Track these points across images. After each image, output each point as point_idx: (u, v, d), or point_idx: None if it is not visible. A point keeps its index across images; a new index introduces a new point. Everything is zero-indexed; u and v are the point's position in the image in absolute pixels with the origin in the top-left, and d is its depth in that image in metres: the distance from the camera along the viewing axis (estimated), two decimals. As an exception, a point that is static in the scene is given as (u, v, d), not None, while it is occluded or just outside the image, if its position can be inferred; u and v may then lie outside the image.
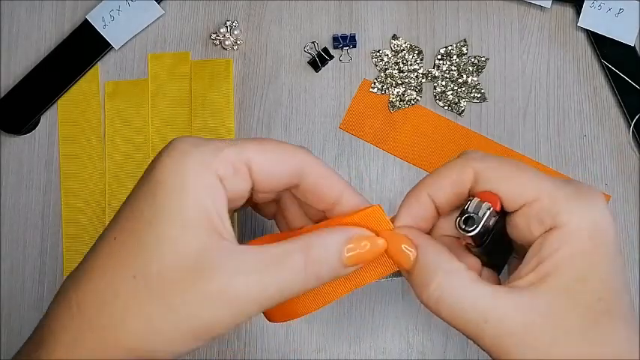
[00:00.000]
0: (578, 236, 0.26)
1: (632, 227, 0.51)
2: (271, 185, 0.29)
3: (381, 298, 0.50)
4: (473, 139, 0.52)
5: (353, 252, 0.28)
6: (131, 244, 0.26)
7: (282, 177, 0.29)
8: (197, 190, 0.26)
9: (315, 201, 0.31)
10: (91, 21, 0.53)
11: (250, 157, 0.28)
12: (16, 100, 0.53)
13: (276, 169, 0.29)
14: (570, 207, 0.26)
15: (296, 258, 0.27)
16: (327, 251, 0.27)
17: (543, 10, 0.54)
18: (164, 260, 0.26)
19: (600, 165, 0.52)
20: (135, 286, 0.26)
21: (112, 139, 0.53)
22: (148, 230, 0.26)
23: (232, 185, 0.28)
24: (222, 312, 0.25)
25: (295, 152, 0.29)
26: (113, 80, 0.54)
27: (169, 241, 0.26)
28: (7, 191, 0.53)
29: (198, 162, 0.27)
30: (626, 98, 0.52)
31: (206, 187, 0.26)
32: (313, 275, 0.27)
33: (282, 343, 0.50)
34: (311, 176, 0.30)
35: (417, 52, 0.53)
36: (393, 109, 0.53)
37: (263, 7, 0.54)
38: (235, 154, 0.27)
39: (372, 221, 0.29)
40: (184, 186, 0.26)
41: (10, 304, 0.51)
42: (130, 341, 0.26)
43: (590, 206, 0.27)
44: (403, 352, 0.50)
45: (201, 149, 0.27)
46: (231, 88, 0.53)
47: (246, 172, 0.28)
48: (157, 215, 0.26)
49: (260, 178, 0.29)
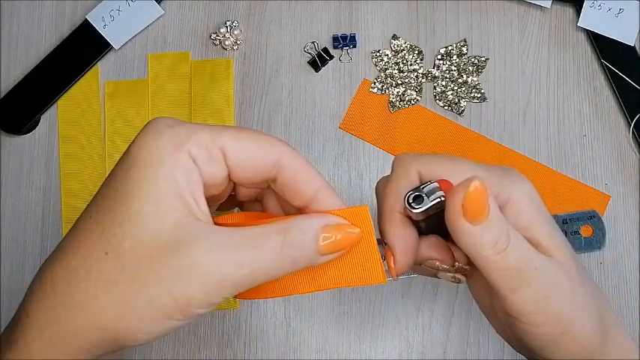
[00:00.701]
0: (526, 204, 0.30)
1: (632, 227, 0.51)
2: (247, 175, 0.29)
3: (381, 298, 0.50)
4: (473, 139, 0.52)
5: (329, 240, 0.27)
6: (104, 221, 0.26)
7: (258, 167, 0.29)
8: (170, 168, 0.26)
9: (291, 196, 0.30)
10: (91, 21, 0.53)
11: (225, 143, 0.28)
12: (16, 100, 0.53)
13: (252, 158, 0.28)
14: (507, 185, 0.30)
15: (273, 239, 0.26)
16: (304, 235, 0.27)
17: (543, 10, 0.54)
18: (136, 237, 0.25)
19: (600, 165, 0.52)
20: (107, 263, 0.25)
21: (112, 139, 0.53)
22: (121, 208, 0.26)
23: (207, 168, 0.27)
24: (195, 289, 0.25)
25: (273, 143, 0.29)
26: (113, 80, 0.54)
27: (142, 217, 0.26)
28: (7, 191, 0.53)
29: (172, 141, 0.26)
30: (626, 98, 0.52)
31: (179, 166, 0.26)
32: (289, 258, 0.27)
33: (282, 343, 0.50)
34: (289, 169, 0.29)
35: (417, 52, 0.53)
36: (393, 109, 0.53)
37: (263, 7, 0.54)
38: (209, 137, 0.27)
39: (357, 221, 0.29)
40: (157, 164, 0.26)
41: (10, 304, 0.51)
42: (103, 319, 0.25)
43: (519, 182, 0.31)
44: (403, 352, 0.50)
45: (176, 129, 0.27)
46: (231, 88, 0.53)
47: (221, 157, 0.28)
48: (130, 192, 0.26)
49: (235, 167, 0.28)
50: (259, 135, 0.29)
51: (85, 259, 0.26)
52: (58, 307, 0.26)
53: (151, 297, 0.25)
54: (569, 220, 0.51)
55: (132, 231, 0.25)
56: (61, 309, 0.26)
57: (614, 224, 0.51)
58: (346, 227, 0.28)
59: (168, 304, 0.25)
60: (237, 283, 0.26)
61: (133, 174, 0.26)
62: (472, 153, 0.52)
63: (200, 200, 0.27)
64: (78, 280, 0.26)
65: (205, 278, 0.25)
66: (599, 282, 0.50)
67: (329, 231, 0.28)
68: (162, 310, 0.25)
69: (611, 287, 0.50)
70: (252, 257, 0.26)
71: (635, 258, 0.50)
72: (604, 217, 0.51)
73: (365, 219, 0.29)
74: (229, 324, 0.50)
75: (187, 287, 0.25)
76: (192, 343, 0.50)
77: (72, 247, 0.27)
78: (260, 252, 0.26)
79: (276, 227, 0.27)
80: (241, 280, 0.26)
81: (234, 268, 0.25)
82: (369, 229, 0.29)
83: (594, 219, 0.51)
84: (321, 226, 0.28)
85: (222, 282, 0.25)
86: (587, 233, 0.50)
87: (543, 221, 0.30)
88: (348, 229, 0.28)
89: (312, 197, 0.30)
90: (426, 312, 0.50)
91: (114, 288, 0.25)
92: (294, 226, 0.27)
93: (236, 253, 0.26)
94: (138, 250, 0.25)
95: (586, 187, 0.51)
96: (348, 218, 0.29)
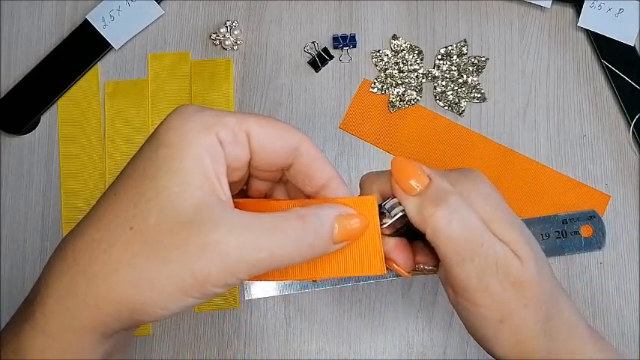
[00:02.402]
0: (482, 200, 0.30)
1: (632, 227, 0.51)
2: (269, 158, 0.30)
3: (381, 298, 0.50)
4: (473, 139, 0.52)
5: (342, 229, 0.29)
6: (131, 197, 0.27)
7: (280, 152, 0.30)
8: (197, 148, 0.27)
9: (304, 183, 0.31)
10: (91, 21, 0.53)
11: (250, 127, 0.29)
12: (16, 100, 0.53)
13: (275, 143, 0.30)
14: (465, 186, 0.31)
15: (291, 225, 0.27)
16: (322, 223, 0.28)
17: (543, 10, 0.54)
18: (162, 213, 0.26)
19: (600, 165, 0.52)
20: (131, 237, 0.26)
21: (112, 139, 0.53)
22: (147, 185, 0.27)
23: (232, 150, 0.28)
24: (213, 267, 0.26)
25: (293, 130, 0.30)
26: (113, 80, 0.54)
27: (169, 195, 0.26)
28: (7, 191, 0.53)
29: (200, 123, 0.27)
30: (626, 98, 0.52)
31: (206, 147, 0.27)
32: (307, 246, 0.27)
33: (282, 343, 0.50)
34: (306, 156, 0.31)
35: (417, 52, 0.53)
36: (393, 109, 0.53)
37: (263, 7, 0.54)
38: (236, 121, 0.28)
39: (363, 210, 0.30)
40: (185, 144, 0.27)
41: (10, 304, 0.51)
42: (121, 291, 0.26)
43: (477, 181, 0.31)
44: (403, 352, 0.50)
45: (204, 112, 0.28)
46: (231, 88, 0.53)
47: (246, 140, 0.29)
48: (158, 171, 0.27)
49: (258, 150, 0.29)
50: (280, 122, 0.30)
51: (108, 232, 0.26)
52: (79, 277, 0.26)
53: (171, 272, 0.26)
54: (569, 220, 0.51)
55: (158, 207, 0.26)
56: (81, 279, 0.26)
57: (614, 224, 0.51)
58: (357, 217, 0.30)
59: (187, 279, 0.26)
60: (254, 266, 0.26)
61: (161, 153, 0.27)
62: (472, 153, 0.52)
63: (223, 182, 0.28)
64: (100, 252, 0.26)
65: (224, 257, 0.26)
66: (599, 282, 0.50)
67: (342, 220, 0.29)
68: (181, 285, 0.26)
69: (611, 287, 0.50)
70: (270, 242, 0.27)
71: (635, 258, 0.50)
72: (604, 217, 0.51)
73: (371, 209, 0.30)
74: (229, 324, 0.50)
75: (206, 264, 0.25)
76: (192, 343, 0.50)
77: (95, 222, 0.27)
78: (278, 237, 0.27)
79: (295, 214, 0.28)
80: (257, 263, 0.26)
81: (253, 251, 0.26)
82: (375, 220, 0.30)
83: (594, 219, 0.51)
84: (336, 215, 0.29)
85: (239, 263, 0.26)
86: (587, 233, 0.50)
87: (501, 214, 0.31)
88: (359, 220, 0.30)
89: (324, 185, 0.31)
90: (426, 312, 0.50)
91: (135, 261, 0.26)
92: (312, 214, 0.28)
93: (255, 237, 0.26)
94: (162, 226, 0.26)
95: (586, 187, 0.51)
96: (355, 207, 0.30)
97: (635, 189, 0.51)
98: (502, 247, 0.30)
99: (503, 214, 0.31)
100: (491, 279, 0.29)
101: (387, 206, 0.31)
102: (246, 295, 0.50)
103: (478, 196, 0.31)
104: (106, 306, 0.26)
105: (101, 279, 0.26)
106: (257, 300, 0.50)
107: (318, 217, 0.28)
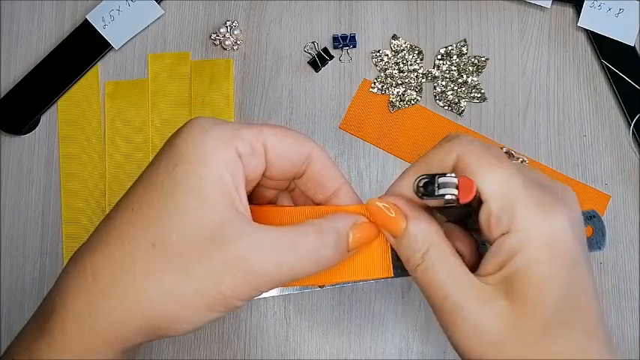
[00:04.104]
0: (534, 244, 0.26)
1: (632, 227, 0.51)
2: (284, 168, 0.30)
3: (381, 298, 0.50)
4: (473, 139, 0.52)
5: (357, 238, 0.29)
6: (150, 214, 0.27)
7: (295, 161, 0.30)
8: (217, 163, 0.27)
9: (316, 190, 0.32)
10: (91, 21, 0.53)
11: (267, 139, 0.29)
12: (16, 100, 0.53)
13: (290, 152, 0.30)
14: (528, 213, 0.26)
15: (311, 240, 0.27)
16: (339, 235, 0.29)
17: (543, 10, 0.54)
18: (184, 230, 0.26)
19: (600, 165, 0.52)
20: (154, 255, 0.26)
21: (112, 139, 0.53)
22: (167, 201, 0.26)
23: (249, 163, 0.28)
24: (239, 283, 0.26)
25: (306, 139, 0.30)
26: (113, 80, 0.54)
27: (189, 212, 0.26)
28: (7, 191, 0.53)
29: (219, 137, 0.27)
30: (626, 98, 0.52)
31: (226, 161, 0.27)
32: (325, 258, 0.28)
33: (282, 343, 0.50)
34: (317, 163, 0.31)
35: (417, 52, 0.53)
36: (393, 109, 0.53)
37: (263, 7, 0.54)
38: (253, 134, 0.28)
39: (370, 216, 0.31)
40: (205, 159, 0.27)
41: (10, 305, 0.51)
42: (148, 309, 0.26)
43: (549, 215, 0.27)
44: (403, 352, 0.50)
45: (222, 127, 0.28)
46: (231, 88, 0.53)
47: (262, 152, 0.29)
48: (177, 186, 0.27)
49: (274, 160, 0.29)
50: (294, 132, 0.30)
51: (130, 249, 0.26)
52: (100, 296, 0.26)
53: (197, 288, 0.26)
54: (569, 220, 0.50)
55: (179, 224, 0.26)
56: (103, 298, 0.26)
57: (614, 224, 0.51)
58: (370, 226, 0.30)
59: (215, 295, 0.26)
60: (275, 280, 0.27)
61: (180, 169, 0.27)
62: (472, 153, 0.52)
63: (242, 195, 0.28)
64: (124, 271, 0.26)
65: (249, 273, 0.26)
66: (600, 282, 0.50)
67: (357, 230, 0.29)
68: (208, 301, 0.26)
69: (611, 287, 0.50)
70: (290, 258, 0.27)
71: (635, 258, 0.50)
72: (604, 217, 0.51)
73: None
74: (229, 324, 0.50)
75: (233, 281, 0.26)
76: (192, 343, 0.50)
77: (114, 238, 0.27)
78: (298, 254, 0.27)
79: (313, 228, 0.28)
80: (279, 277, 0.27)
81: (274, 267, 0.26)
82: None
83: (594, 219, 0.50)
84: (351, 226, 0.29)
85: (262, 278, 0.26)
86: (587, 233, 0.50)
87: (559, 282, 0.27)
88: (371, 228, 0.30)
89: (335, 193, 0.31)
90: (426, 312, 0.50)
91: (161, 278, 0.26)
92: (329, 228, 0.28)
93: (277, 254, 0.27)
94: (184, 243, 0.26)
95: (586, 187, 0.51)
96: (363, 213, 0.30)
97: (635, 189, 0.51)
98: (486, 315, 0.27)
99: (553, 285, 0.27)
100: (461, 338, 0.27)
101: (440, 180, 0.27)
102: (246, 295, 0.50)
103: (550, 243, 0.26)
104: (131, 323, 0.26)
105: (126, 299, 0.26)
106: (257, 300, 0.50)
107: (335, 229, 0.28)
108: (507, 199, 0.27)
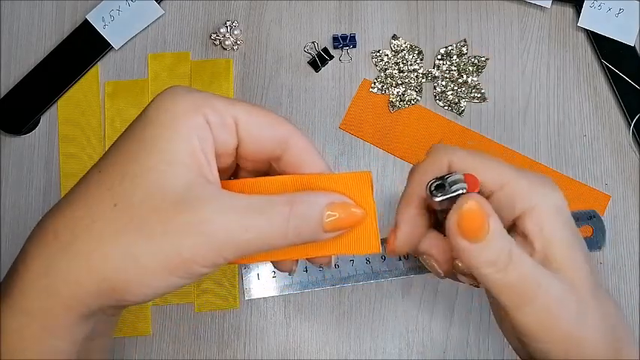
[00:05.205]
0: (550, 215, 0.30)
1: (632, 227, 0.51)
2: (256, 148, 0.29)
3: (381, 298, 0.50)
4: (473, 139, 0.52)
5: (333, 217, 0.28)
6: (115, 175, 0.26)
7: (268, 142, 0.29)
8: (186, 128, 0.26)
9: None
10: (91, 21, 0.53)
11: (238, 114, 0.28)
12: (16, 100, 0.53)
13: (263, 131, 0.29)
14: (536, 192, 0.30)
15: (279, 208, 0.27)
16: (311, 209, 0.27)
17: (543, 10, 0.54)
18: (147, 191, 0.26)
19: (600, 165, 0.52)
20: (115, 214, 0.25)
21: (112, 139, 0.53)
22: (134, 163, 0.26)
23: (219, 135, 0.28)
24: (200, 246, 0.25)
25: (283, 122, 0.30)
26: (113, 80, 0.54)
27: (155, 174, 0.26)
28: (7, 191, 0.53)
29: (189, 104, 0.27)
30: (626, 98, 0.52)
31: (194, 126, 0.27)
32: (294, 229, 0.27)
33: (282, 343, 0.50)
34: (295, 148, 0.30)
35: (417, 52, 0.53)
36: (393, 109, 0.53)
37: (263, 7, 0.54)
38: (224, 105, 0.28)
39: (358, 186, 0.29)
40: (173, 124, 0.26)
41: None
42: (105, 269, 0.25)
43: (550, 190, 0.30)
44: (403, 352, 0.50)
45: (193, 94, 0.28)
46: (231, 88, 0.53)
47: (233, 126, 0.28)
48: (145, 149, 0.26)
49: (246, 138, 0.29)
50: (269, 112, 0.30)
51: (91, 209, 0.26)
52: (59, 254, 0.26)
53: (157, 249, 0.25)
54: (569, 220, 0.51)
55: (143, 185, 0.26)
56: (62, 257, 0.26)
57: (614, 224, 0.51)
58: (350, 207, 0.28)
59: (173, 258, 0.25)
60: (241, 246, 0.26)
61: (148, 132, 0.27)
62: (472, 153, 0.52)
63: (212, 163, 0.27)
64: (83, 229, 0.26)
65: (211, 237, 0.25)
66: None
67: (334, 209, 0.28)
68: (167, 263, 0.25)
69: (611, 287, 0.50)
70: (257, 223, 0.26)
71: (635, 258, 0.50)
72: (604, 217, 0.51)
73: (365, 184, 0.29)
74: (229, 324, 0.50)
75: (193, 243, 0.25)
76: (192, 343, 0.50)
77: (78, 199, 0.27)
78: (266, 219, 0.26)
79: (284, 198, 0.27)
80: (245, 244, 0.26)
81: (240, 231, 0.26)
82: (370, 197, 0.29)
83: (594, 219, 0.51)
84: (327, 203, 0.28)
85: (226, 243, 0.26)
86: (587, 233, 0.50)
87: (564, 235, 0.30)
88: (352, 209, 0.28)
89: None
90: (426, 312, 0.50)
91: (120, 238, 0.25)
92: (301, 199, 0.27)
93: (242, 217, 0.26)
94: (147, 204, 0.25)
95: (586, 187, 0.51)
96: (350, 183, 0.29)
97: (635, 189, 0.51)
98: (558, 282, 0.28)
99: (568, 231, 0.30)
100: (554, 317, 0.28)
101: (449, 179, 0.29)
102: (246, 295, 0.50)
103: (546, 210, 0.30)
104: (87, 283, 0.25)
105: (83, 257, 0.25)
106: (257, 300, 0.50)
107: (307, 203, 0.27)
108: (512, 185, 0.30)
